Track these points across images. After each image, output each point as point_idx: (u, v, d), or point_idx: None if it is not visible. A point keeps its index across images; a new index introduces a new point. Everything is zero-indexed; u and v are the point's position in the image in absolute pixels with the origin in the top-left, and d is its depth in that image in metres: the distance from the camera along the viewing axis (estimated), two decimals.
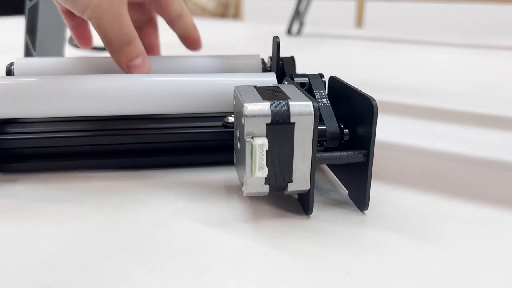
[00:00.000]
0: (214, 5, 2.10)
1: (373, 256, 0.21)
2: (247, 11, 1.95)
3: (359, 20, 1.72)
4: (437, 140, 0.36)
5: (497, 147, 0.35)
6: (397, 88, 0.55)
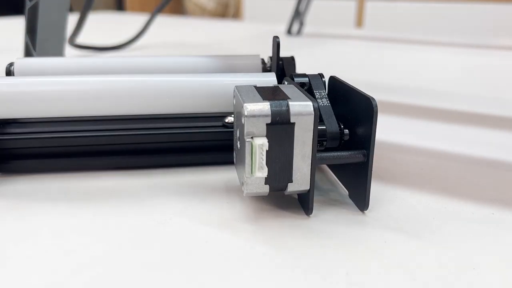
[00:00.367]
0: (214, 5, 2.10)
1: (373, 256, 0.21)
2: (247, 11, 1.95)
3: (359, 20, 1.72)
4: (437, 140, 0.36)
5: (497, 147, 0.35)
6: (397, 88, 0.55)
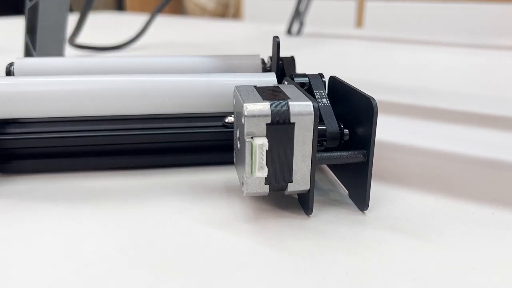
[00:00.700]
0: (214, 5, 2.09)
1: (373, 256, 0.21)
2: (247, 11, 1.95)
3: (359, 20, 1.72)
4: (437, 140, 0.36)
5: (497, 147, 0.35)
6: (397, 88, 0.55)
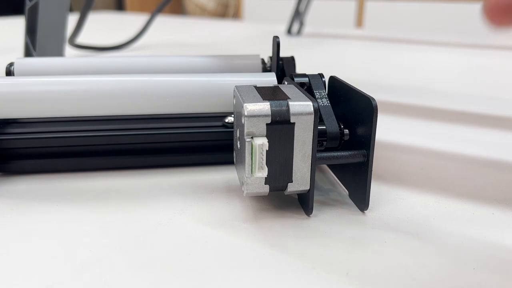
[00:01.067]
0: (214, 5, 2.09)
1: (373, 256, 0.21)
2: (247, 11, 1.95)
3: (359, 20, 1.72)
4: (437, 140, 0.36)
5: (497, 147, 0.35)
6: (397, 88, 0.55)
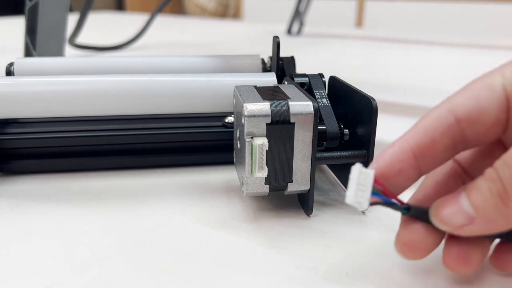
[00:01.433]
0: (214, 5, 2.10)
1: (373, 256, 0.21)
2: (247, 11, 1.95)
3: (359, 20, 1.72)
4: None
5: None
6: (397, 88, 0.55)
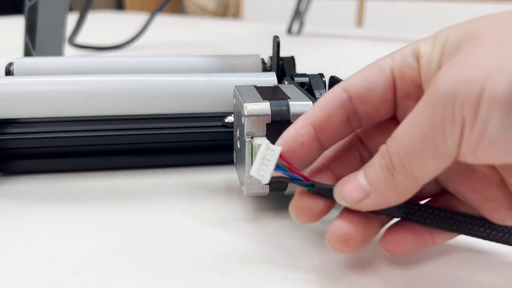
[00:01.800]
0: (214, 5, 2.09)
1: (373, 256, 0.21)
2: (247, 11, 1.95)
3: (360, 20, 1.72)
4: None
5: None
6: None
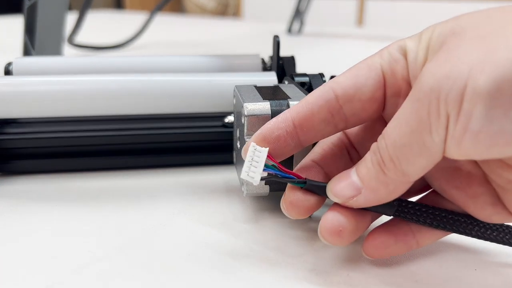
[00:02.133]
0: (214, 4, 2.09)
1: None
2: (247, 10, 1.95)
3: (360, 19, 1.72)
4: None
5: None
6: None
